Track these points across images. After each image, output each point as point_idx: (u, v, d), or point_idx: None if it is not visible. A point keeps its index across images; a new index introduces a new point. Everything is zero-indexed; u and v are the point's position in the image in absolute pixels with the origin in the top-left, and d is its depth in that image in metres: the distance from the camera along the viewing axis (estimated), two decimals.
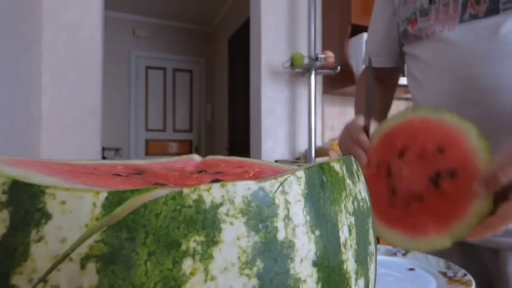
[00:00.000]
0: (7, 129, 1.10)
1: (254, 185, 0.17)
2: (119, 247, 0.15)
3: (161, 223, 0.15)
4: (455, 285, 0.39)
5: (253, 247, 0.16)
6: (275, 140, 2.10)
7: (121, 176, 0.24)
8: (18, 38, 1.20)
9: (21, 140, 1.28)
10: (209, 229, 0.15)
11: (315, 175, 0.19)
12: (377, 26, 0.74)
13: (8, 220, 0.15)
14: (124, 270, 0.14)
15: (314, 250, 0.18)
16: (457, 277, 0.42)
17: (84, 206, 0.15)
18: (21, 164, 0.19)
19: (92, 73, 1.69)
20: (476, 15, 0.52)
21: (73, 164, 0.24)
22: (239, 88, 3.28)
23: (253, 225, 0.16)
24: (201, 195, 0.16)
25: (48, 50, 1.62)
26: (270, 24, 2.10)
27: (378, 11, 0.73)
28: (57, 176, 0.19)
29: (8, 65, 1.09)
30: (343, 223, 0.20)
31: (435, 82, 0.58)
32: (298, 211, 0.18)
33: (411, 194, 0.40)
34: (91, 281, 0.14)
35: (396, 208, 0.40)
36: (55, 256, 0.14)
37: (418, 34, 0.60)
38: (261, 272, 0.16)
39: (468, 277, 0.41)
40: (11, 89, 1.12)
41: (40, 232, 0.15)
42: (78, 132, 1.66)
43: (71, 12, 1.66)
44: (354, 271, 0.20)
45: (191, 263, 0.15)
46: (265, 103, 2.07)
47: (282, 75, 2.11)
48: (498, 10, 0.50)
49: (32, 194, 0.15)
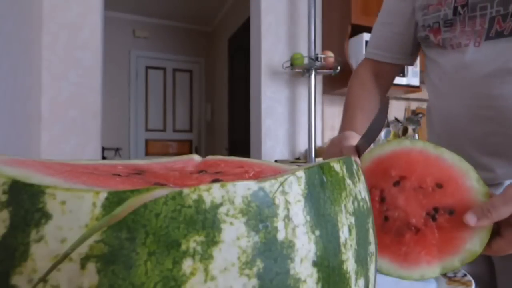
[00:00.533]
0: (7, 129, 1.10)
1: (254, 185, 0.17)
2: (119, 247, 0.14)
3: (161, 223, 0.15)
4: (455, 286, 0.39)
5: (253, 247, 0.16)
6: (275, 140, 2.10)
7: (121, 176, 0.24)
8: (18, 38, 1.20)
9: (21, 140, 1.28)
10: (209, 229, 0.15)
11: (315, 175, 0.19)
12: (390, 20, 0.70)
13: (8, 220, 0.15)
14: (124, 270, 0.14)
15: (314, 250, 0.18)
16: (456, 277, 0.42)
17: (84, 206, 0.15)
18: (21, 164, 0.19)
19: (92, 73, 1.69)
20: (502, 32, 0.52)
21: (73, 164, 0.24)
22: (239, 88, 3.28)
23: (253, 225, 0.16)
24: (201, 195, 0.16)
25: (48, 50, 1.62)
26: (270, 24, 2.10)
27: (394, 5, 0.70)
28: (57, 176, 0.19)
29: (8, 65, 1.09)
30: (343, 223, 0.20)
31: (454, 94, 0.58)
32: (298, 211, 0.18)
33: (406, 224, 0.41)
34: (91, 281, 0.14)
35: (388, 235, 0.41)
36: (55, 256, 0.14)
37: (441, 43, 0.59)
38: (261, 272, 0.16)
39: (468, 277, 0.41)
40: (11, 89, 1.12)
41: (40, 232, 0.15)
42: (78, 132, 1.66)
43: (71, 12, 1.66)
44: (354, 271, 0.20)
45: (191, 263, 0.15)
46: (265, 103, 2.08)
47: (282, 75, 2.11)
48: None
49: (32, 194, 0.15)
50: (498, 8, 0.52)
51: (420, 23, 0.63)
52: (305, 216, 0.18)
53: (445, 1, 0.57)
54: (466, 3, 0.55)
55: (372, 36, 0.75)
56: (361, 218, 0.22)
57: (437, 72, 0.62)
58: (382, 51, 0.71)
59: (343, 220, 0.20)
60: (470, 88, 0.56)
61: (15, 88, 1.17)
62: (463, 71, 0.56)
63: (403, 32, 0.69)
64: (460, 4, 0.55)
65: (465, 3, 0.55)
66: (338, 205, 0.20)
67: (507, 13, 0.51)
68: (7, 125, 1.10)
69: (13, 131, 1.17)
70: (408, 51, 0.70)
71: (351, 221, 0.20)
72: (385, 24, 0.72)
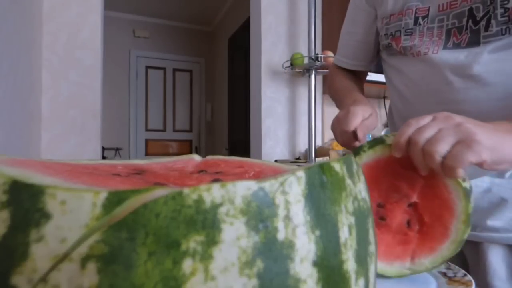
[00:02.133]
0: (7, 129, 1.10)
1: (254, 185, 0.17)
2: (119, 247, 0.14)
3: (161, 223, 0.15)
4: (455, 286, 0.40)
5: (253, 247, 0.16)
6: (275, 140, 2.10)
7: (121, 176, 0.24)
8: (18, 38, 1.20)
9: (21, 140, 1.28)
10: (209, 229, 0.15)
11: (315, 175, 0.19)
12: (353, 30, 0.75)
13: (8, 220, 0.15)
14: (124, 270, 0.14)
15: (314, 250, 0.18)
16: (457, 277, 0.42)
17: (84, 206, 0.15)
18: (21, 164, 0.19)
19: (92, 73, 1.69)
20: (459, 44, 0.55)
21: (73, 164, 0.24)
22: (239, 88, 3.28)
23: (253, 225, 0.16)
24: (201, 195, 0.16)
25: (48, 50, 1.61)
26: (270, 24, 2.10)
27: (356, 15, 0.75)
28: (57, 176, 0.19)
29: (8, 65, 1.09)
30: (343, 223, 0.20)
31: (421, 101, 0.61)
32: (298, 211, 0.18)
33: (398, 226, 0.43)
34: (91, 281, 0.14)
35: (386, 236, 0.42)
36: (55, 256, 0.14)
37: (403, 51, 0.62)
38: (261, 272, 0.16)
39: (468, 277, 0.41)
40: (11, 89, 1.12)
41: (40, 232, 0.15)
42: (78, 132, 1.66)
43: (71, 12, 1.66)
44: (354, 271, 0.20)
45: (191, 263, 0.15)
46: (265, 103, 2.07)
47: (282, 75, 2.11)
48: (479, 42, 0.52)
49: (32, 194, 0.15)
50: (453, 20, 0.55)
51: (383, 32, 0.66)
52: (305, 216, 0.18)
53: (406, 11, 0.60)
54: (426, 14, 0.58)
55: (339, 44, 0.81)
56: (361, 218, 0.22)
57: (402, 79, 0.65)
58: (349, 59, 0.77)
59: (343, 220, 0.20)
60: (434, 95, 0.58)
61: (15, 88, 1.17)
62: (427, 78, 0.59)
63: (365, 41, 0.74)
64: (421, 15, 0.58)
65: (426, 14, 0.58)
66: (338, 205, 0.20)
67: (462, 26, 0.54)
68: (7, 125, 1.10)
69: (13, 131, 1.17)
70: (371, 58, 0.76)
71: (351, 221, 0.20)
72: (350, 33, 0.77)
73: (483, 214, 0.55)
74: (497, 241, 0.54)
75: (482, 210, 0.55)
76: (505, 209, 0.54)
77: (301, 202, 0.18)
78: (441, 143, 0.36)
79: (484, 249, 0.55)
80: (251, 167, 0.28)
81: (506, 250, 0.54)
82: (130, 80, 4.01)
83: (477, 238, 0.56)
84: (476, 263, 0.57)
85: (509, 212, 0.53)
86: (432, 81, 0.58)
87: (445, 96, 0.56)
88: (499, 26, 0.50)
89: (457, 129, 0.37)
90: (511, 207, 0.53)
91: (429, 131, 0.37)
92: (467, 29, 0.53)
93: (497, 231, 0.54)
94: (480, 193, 0.56)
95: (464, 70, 0.54)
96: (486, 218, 0.55)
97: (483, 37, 0.52)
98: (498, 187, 0.55)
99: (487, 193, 0.55)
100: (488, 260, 0.55)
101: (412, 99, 0.63)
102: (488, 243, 0.55)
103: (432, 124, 0.38)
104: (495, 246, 0.55)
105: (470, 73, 0.53)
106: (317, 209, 0.18)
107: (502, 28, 0.50)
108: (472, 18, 0.53)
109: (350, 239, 0.20)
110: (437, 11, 0.57)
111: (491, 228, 0.54)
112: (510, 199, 0.54)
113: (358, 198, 0.22)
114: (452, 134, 0.36)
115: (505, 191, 0.54)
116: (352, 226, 0.20)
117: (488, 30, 0.51)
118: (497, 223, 0.54)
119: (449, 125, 0.37)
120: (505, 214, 0.53)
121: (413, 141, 0.38)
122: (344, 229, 0.20)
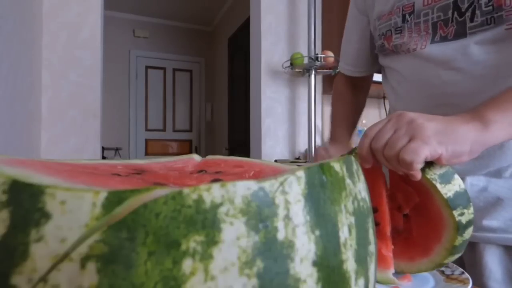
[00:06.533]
0: (7, 129, 1.10)
1: (254, 185, 0.17)
2: (119, 247, 0.14)
3: (161, 223, 0.15)
4: (453, 283, 0.40)
5: (253, 247, 0.16)
6: (275, 140, 2.10)
7: (120, 176, 0.24)
8: (18, 38, 1.20)
9: (21, 140, 1.28)
10: (209, 229, 0.15)
11: (315, 175, 0.19)
12: (351, 38, 0.79)
13: (8, 220, 0.15)
14: (124, 270, 0.14)
15: (314, 250, 0.18)
16: (454, 275, 0.42)
17: (84, 206, 0.15)
18: (21, 164, 0.19)
19: (92, 73, 1.69)
20: (446, 37, 0.55)
21: (73, 164, 0.24)
22: (239, 88, 3.28)
23: (253, 225, 0.16)
24: (201, 195, 0.16)
25: (48, 50, 1.61)
26: (270, 24, 2.09)
27: (351, 23, 0.78)
28: (57, 176, 0.19)
29: (8, 65, 1.09)
30: (343, 223, 0.20)
31: (412, 96, 0.62)
32: (298, 211, 0.18)
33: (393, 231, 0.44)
34: (91, 281, 0.14)
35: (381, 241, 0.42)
36: (55, 256, 0.14)
37: (394, 49, 0.63)
38: (261, 272, 0.16)
39: (465, 275, 0.42)
40: (11, 88, 1.12)
41: (40, 232, 0.15)
42: (78, 132, 1.66)
43: (71, 12, 1.66)
44: (354, 271, 0.20)
45: (191, 263, 0.15)
46: (265, 103, 2.07)
47: (282, 75, 2.11)
48: (465, 34, 0.53)
49: (32, 194, 0.15)
50: (438, 13, 0.56)
51: (376, 33, 0.67)
52: (305, 216, 0.18)
53: (394, 10, 0.62)
54: (412, 10, 0.59)
55: (341, 52, 0.84)
56: (361, 218, 0.22)
57: (395, 77, 0.66)
58: (352, 66, 0.80)
59: (343, 220, 0.20)
60: (426, 89, 0.59)
61: (15, 87, 1.17)
62: (417, 73, 0.60)
63: (361, 47, 0.77)
64: (408, 12, 0.60)
65: (412, 10, 0.59)
66: (338, 205, 0.20)
67: (447, 18, 0.54)
68: (7, 125, 1.10)
69: (13, 131, 1.17)
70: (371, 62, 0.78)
71: (351, 221, 0.20)
72: (348, 41, 0.80)
73: (479, 214, 0.55)
74: (493, 242, 0.54)
75: (478, 210, 0.55)
76: (501, 209, 0.53)
77: (301, 202, 0.18)
78: (398, 145, 0.37)
79: (481, 250, 0.55)
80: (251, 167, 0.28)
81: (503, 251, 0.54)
82: (130, 80, 4.01)
83: (473, 238, 0.55)
84: (472, 264, 0.57)
85: (506, 212, 0.53)
86: (422, 77, 0.59)
87: (436, 91, 0.57)
88: (484, 16, 0.50)
89: (409, 126, 0.37)
90: (507, 206, 0.53)
91: (385, 136, 0.38)
92: (452, 21, 0.54)
93: (494, 231, 0.54)
94: (476, 192, 0.56)
95: (451, 64, 0.54)
96: (482, 218, 0.55)
97: (469, 28, 0.52)
98: (494, 186, 0.55)
99: (483, 192, 0.55)
100: (484, 261, 0.55)
101: (405, 95, 0.64)
102: (484, 244, 0.55)
103: (388, 126, 0.39)
104: (491, 247, 0.55)
105: (457, 66, 0.54)
106: (317, 209, 0.18)
107: (487, 17, 0.50)
108: (457, 10, 0.53)
109: (350, 239, 0.20)
110: (422, 6, 0.57)
111: (487, 228, 0.54)
112: (507, 198, 0.54)
113: (358, 198, 0.22)
114: (406, 133, 0.37)
115: (502, 190, 0.54)
116: (352, 226, 0.20)
117: (473, 21, 0.52)
118: (493, 223, 0.54)
119: (401, 124, 0.38)
120: (502, 214, 0.53)
121: (373, 150, 0.39)
122: (344, 229, 0.20)
